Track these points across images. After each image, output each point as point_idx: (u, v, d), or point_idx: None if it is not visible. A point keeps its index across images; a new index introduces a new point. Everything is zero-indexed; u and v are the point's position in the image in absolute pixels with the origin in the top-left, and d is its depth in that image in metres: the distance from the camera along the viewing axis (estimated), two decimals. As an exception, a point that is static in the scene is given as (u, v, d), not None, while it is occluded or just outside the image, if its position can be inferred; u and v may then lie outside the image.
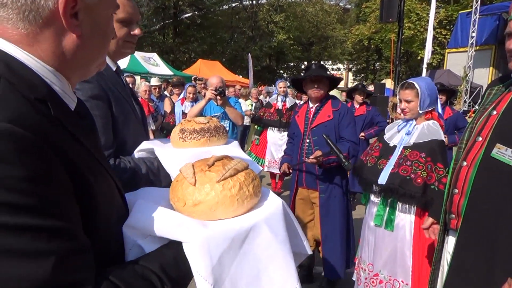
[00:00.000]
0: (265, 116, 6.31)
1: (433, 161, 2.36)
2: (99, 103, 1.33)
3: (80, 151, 0.70)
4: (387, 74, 24.74)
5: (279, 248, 0.84)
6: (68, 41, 0.70)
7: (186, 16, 29.23)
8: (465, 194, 1.72)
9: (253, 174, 0.93)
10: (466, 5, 20.24)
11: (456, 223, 1.79)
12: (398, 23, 13.29)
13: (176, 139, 1.34)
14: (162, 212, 0.84)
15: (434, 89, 2.53)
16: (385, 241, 2.53)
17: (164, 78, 13.30)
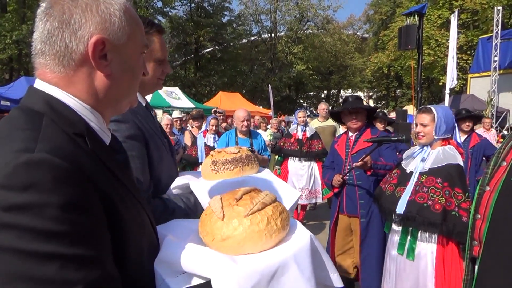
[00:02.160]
0: (285, 146, 6.28)
1: (451, 186, 2.30)
2: (136, 144, 1.31)
3: (114, 183, 0.73)
4: (409, 101, 24.51)
5: (304, 285, 0.83)
6: (99, 81, 0.75)
7: (207, 51, 30.15)
8: (486, 220, 1.66)
9: (281, 208, 0.93)
10: (486, 30, 20.11)
11: (478, 250, 1.71)
12: (417, 50, 13.26)
13: (209, 172, 1.34)
14: (191, 248, 0.84)
15: (452, 118, 2.51)
16: (407, 271, 2.45)
17: (186, 110, 13.57)
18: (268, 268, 0.79)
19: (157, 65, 1.42)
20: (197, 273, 0.79)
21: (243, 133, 4.42)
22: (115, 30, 0.75)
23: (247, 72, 33.04)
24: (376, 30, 32.68)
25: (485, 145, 4.95)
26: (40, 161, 0.58)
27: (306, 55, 31.55)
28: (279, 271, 0.80)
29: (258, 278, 0.76)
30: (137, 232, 0.76)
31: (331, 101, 37.99)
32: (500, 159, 1.71)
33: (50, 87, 0.73)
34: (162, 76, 1.48)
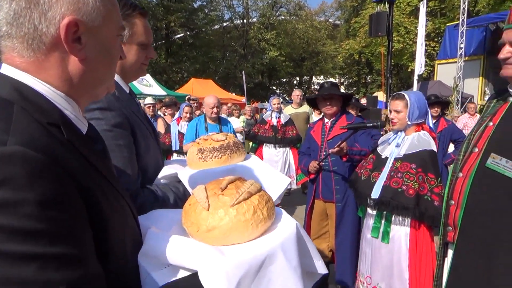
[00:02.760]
0: (260, 132, 6.29)
1: (424, 171, 2.36)
2: (123, 132, 1.26)
3: (94, 175, 0.69)
4: (379, 87, 25.02)
5: (291, 275, 0.83)
6: (73, 66, 0.70)
7: (178, 37, 29.52)
8: (461, 206, 1.70)
9: (266, 196, 0.92)
10: (453, 17, 20.68)
11: (453, 236, 1.76)
12: (387, 37, 13.51)
13: (196, 160, 1.30)
14: (176, 240, 0.82)
15: (425, 104, 2.56)
16: (382, 253, 2.52)
17: (158, 98, 13.29)
18: (256, 258, 0.79)
19: (140, 50, 1.36)
20: (183, 266, 0.78)
21: (213, 119, 4.43)
22: (89, 10, 0.69)
23: (219, 59, 32.65)
24: (347, 17, 32.95)
25: (452, 130, 5.14)
26: (13, 155, 0.54)
27: (279, 42, 31.50)
28: (267, 261, 0.80)
29: (247, 269, 0.76)
30: (120, 226, 0.73)
31: (303, 87, 38.23)
32: (472, 145, 1.74)
33: (19, 73, 0.67)
34: (146, 62, 1.42)
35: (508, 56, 1.59)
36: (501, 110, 1.68)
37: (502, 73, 1.63)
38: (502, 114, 1.66)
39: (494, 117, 1.69)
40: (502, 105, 1.71)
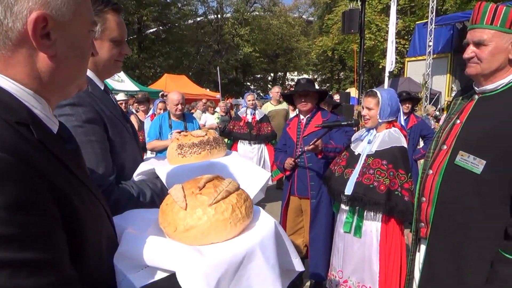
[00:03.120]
0: (235, 129, 6.28)
1: (395, 167, 2.43)
2: (95, 128, 1.23)
3: (67, 176, 0.67)
4: (352, 83, 25.43)
5: (269, 273, 0.84)
6: (42, 63, 0.67)
7: (151, 31, 28.95)
8: (432, 202, 1.76)
9: (244, 195, 0.92)
10: (422, 16, 21.22)
11: (425, 232, 1.82)
12: (360, 34, 13.70)
13: (175, 156, 1.28)
14: (152, 240, 0.81)
15: (396, 101, 2.61)
16: (354, 247, 2.58)
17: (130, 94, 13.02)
18: (235, 257, 0.79)
19: (113, 46, 1.34)
20: (161, 267, 0.76)
21: (177, 116, 4.36)
22: (59, 5, 0.66)
23: (193, 54, 32.25)
24: (320, 13, 33.23)
25: (422, 126, 5.30)
26: None
27: (253, 38, 31.44)
28: (246, 259, 0.80)
29: (226, 268, 0.75)
30: (95, 227, 0.71)
31: (277, 83, 38.37)
32: (440, 143, 1.80)
33: None
34: (120, 58, 1.40)
35: (472, 56, 1.66)
36: (467, 108, 1.74)
37: (467, 71, 1.70)
38: (469, 112, 1.72)
39: (461, 115, 1.75)
40: (468, 102, 1.77)
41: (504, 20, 1.57)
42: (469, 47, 1.67)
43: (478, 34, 1.63)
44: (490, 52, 1.61)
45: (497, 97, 1.66)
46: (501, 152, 1.55)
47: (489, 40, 1.60)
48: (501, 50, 1.59)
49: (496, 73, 1.65)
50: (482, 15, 1.62)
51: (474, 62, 1.67)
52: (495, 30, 1.59)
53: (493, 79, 1.67)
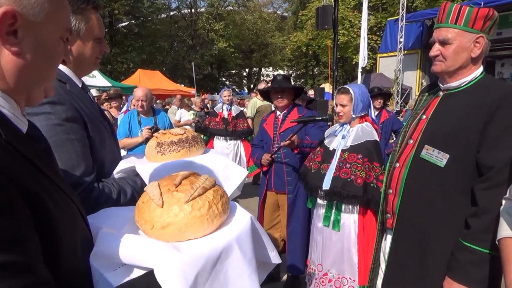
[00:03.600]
0: (210, 125, 6.26)
1: (370, 160, 2.51)
2: (75, 126, 1.22)
3: (38, 177, 0.65)
4: (326, 79, 25.76)
5: (246, 267, 0.85)
6: (6, 60, 0.64)
7: (123, 25, 28.30)
8: (398, 194, 1.83)
9: (221, 191, 0.93)
10: (393, 12, 21.71)
11: (391, 222, 1.90)
12: (333, 30, 13.87)
13: (154, 154, 1.29)
14: (129, 238, 0.80)
15: (368, 97, 2.69)
16: (333, 240, 2.63)
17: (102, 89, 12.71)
18: (213, 252, 0.79)
19: (95, 44, 1.34)
20: (138, 264, 0.76)
21: (143, 112, 4.30)
22: (32, 4, 0.64)
23: (167, 49, 31.79)
24: (295, 9, 33.41)
25: (393, 121, 5.45)
26: None
27: (228, 33, 31.25)
28: (223, 255, 0.81)
29: (203, 263, 0.76)
30: (70, 227, 0.70)
31: (252, 79, 38.39)
32: (407, 137, 1.88)
33: None
34: (99, 56, 1.41)
35: (437, 54, 1.73)
36: (433, 104, 1.83)
37: (432, 69, 1.78)
38: (434, 108, 1.80)
39: (427, 111, 1.83)
40: (433, 99, 1.85)
41: (467, 19, 1.64)
42: (435, 46, 1.75)
43: (443, 33, 1.70)
44: (454, 51, 1.68)
45: (460, 94, 1.74)
46: (463, 147, 1.63)
47: (453, 39, 1.67)
48: (464, 48, 1.67)
49: (459, 71, 1.72)
50: (447, 14, 1.69)
51: (439, 60, 1.74)
52: (459, 29, 1.66)
53: (457, 77, 1.74)
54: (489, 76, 1.79)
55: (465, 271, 1.58)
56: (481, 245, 1.55)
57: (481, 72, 1.74)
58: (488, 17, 1.64)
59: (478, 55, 1.69)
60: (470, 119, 1.63)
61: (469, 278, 1.57)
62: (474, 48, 1.67)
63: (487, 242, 1.54)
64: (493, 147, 1.57)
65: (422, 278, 1.75)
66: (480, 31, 1.66)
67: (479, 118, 1.60)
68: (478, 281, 1.56)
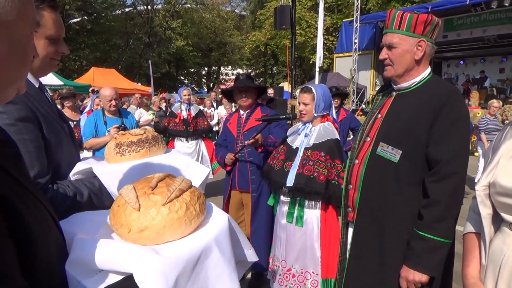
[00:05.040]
0: (170, 126, 6.14)
1: (332, 158, 2.59)
2: (29, 126, 1.18)
3: (8, 182, 0.63)
4: (284, 78, 26.10)
5: (225, 266, 0.86)
6: None
7: (75, 22, 27.08)
8: (358, 189, 1.94)
9: (197, 192, 0.93)
10: (348, 14, 22.41)
11: (352, 216, 2.01)
12: (291, 30, 14.11)
13: (113, 155, 1.25)
14: (106, 244, 0.79)
15: (329, 96, 2.78)
16: (296, 236, 2.69)
17: (53, 88, 12.13)
18: (192, 254, 0.80)
19: (49, 44, 1.30)
20: (117, 269, 0.75)
21: (112, 112, 4.19)
22: (3, 3, 0.62)
23: (122, 47, 30.83)
24: (253, 8, 33.53)
25: (350, 119, 5.65)
26: None
27: (186, 31, 30.82)
28: (202, 256, 0.82)
29: (184, 265, 0.77)
30: (43, 234, 0.68)
31: (211, 78, 38.16)
32: (365, 135, 2.00)
33: None
34: (56, 56, 1.36)
35: (385, 57, 1.88)
36: (387, 104, 1.96)
37: (384, 74, 1.94)
38: (388, 107, 1.94)
39: (382, 110, 1.96)
40: (388, 99, 1.99)
41: (409, 25, 1.79)
42: (383, 50, 1.90)
43: (389, 38, 1.85)
44: (399, 54, 1.83)
45: (410, 94, 1.88)
46: (413, 143, 1.77)
47: (398, 43, 1.82)
48: (408, 51, 1.82)
49: (407, 72, 1.87)
50: (391, 21, 1.85)
51: (388, 64, 1.89)
52: (402, 34, 1.81)
53: (406, 78, 1.89)
54: (436, 76, 1.95)
55: (419, 258, 1.71)
56: (433, 233, 1.68)
57: (429, 73, 1.89)
58: (428, 22, 1.79)
59: (421, 57, 1.83)
60: (419, 117, 1.77)
61: (423, 265, 1.70)
62: (417, 51, 1.82)
63: (438, 230, 1.69)
64: (439, 142, 1.71)
65: (381, 268, 1.86)
66: (422, 35, 1.81)
67: (427, 116, 1.75)
68: (431, 267, 1.70)
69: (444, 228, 1.68)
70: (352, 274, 1.99)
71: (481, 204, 1.31)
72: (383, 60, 1.90)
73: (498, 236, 1.31)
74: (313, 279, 2.65)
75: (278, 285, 2.81)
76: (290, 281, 2.73)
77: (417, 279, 1.71)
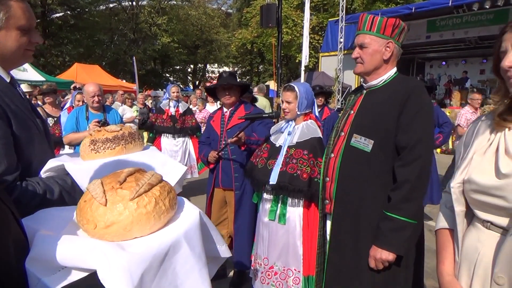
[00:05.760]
0: (157, 122, 6.10)
1: (315, 156, 2.62)
2: None
3: None
4: (270, 76, 26.13)
5: (195, 262, 0.84)
6: None
7: (57, 16, 26.52)
8: (334, 181, 2.05)
9: (168, 187, 0.90)
10: (334, 13, 22.53)
11: (330, 207, 2.11)
12: (277, 28, 14.13)
13: (88, 152, 1.22)
14: (68, 240, 0.76)
15: (311, 94, 2.82)
16: (278, 234, 2.71)
17: (35, 84, 11.89)
18: (160, 249, 0.78)
19: (21, 34, 1.26)
20: (80, 266, 0.73)
21: (96, 108, 4.16)
22: None
23: (106, 43, 30.31)
24: (239, 6, 33.42)
25: (334, 118, 5.70)
26: None
27: (171, 27, 30.51)
28: (171, 251, 0.80)
29: (150, 261, 0.75)
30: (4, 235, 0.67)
31: (197, 75, 37.90)
32: (339, 131, 2.13)
33: None
34: (30, 47, 1.33)
35: (357, 56, 2.06)
36: (358, 101, 2.12)
37: (354, 70, 2.11)
38: (359, 104, 2.09)
39: (354, 107, 2.11)
40: (359, 96, 2.15)
41: (379, 27, 1.98)
42: (356, 49, 2.06)
43: (361, 39, 2.02)
44: (370, 53, 2.00)
45: (379, 91, 2.05)
46: (384, 133, 1.91)
47: (369, 43, 2.00)
48: (377, 51, 2.00)
49: (376, 71, 2.04)
50: (363, 23, 2.02)
51: (359, 62, 2.06)
52: (373, 35, 1.99)
53: (374, 76, 2.06)
54: (401, 75, 2.11)
55: (386, 237, 1.82)
56: (399, 213, 1.79)
57: (395, 72, 2.07)
58: (396, 26, 1.97)
59: (388, 57, 2.01)
60: (388, 109, 1.92)
61: (389, 243, 1.81)
62: (386, 52, 2.00)
63: (404, 211, 1.79)
64: (405, 131, 1.85)
65: (357, 253, 1.95)
66: (390, 37, 1.99)
67: (394, 108, 1.90)
68: (397, 245, 1.80)
69: (410, 208, 1.79)
70: (332, 263, 2.05)
71: (456, 201, 1.32)
72: (355, 58, 2.06)
73: (471, 232, 1.31)
74: (295, 276, 2.66)
75: (260, 283, 2.81)
76: (272, 279, 2.74)
77: (384, 257, 1.81)
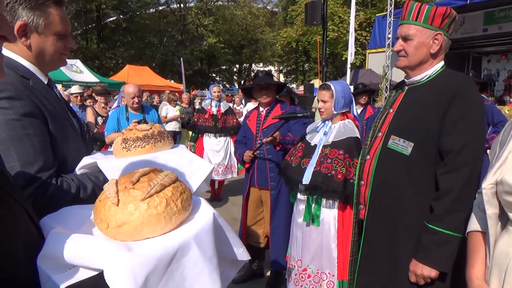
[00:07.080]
0: (199, 122, 6.22)
1: (351, 157, 2.52)
2: (33, 121, 1.22)
3: None
4: (316, 75, 25.78)
5: (205, 265, 0.83)
6: None
7: (111, 20, 27.94)
8: (369, 185, 1.91)
9: (182, 187, 0.90)
10: (382, 8, 21.79)
11: (364, 213, 1.97)
12: (322, 25, 13.91)
13: (119, 150, 1.27)
14: (80, 239, 0.77)
15: (349, 93, 2.72)
16: (312, 236, 2.64)
17: (89, 85, 12.59)
18: (166, 251, 0.77)
19: (57, 40, 1.34)
20: (88, 265, 0.74)
21: (135, 109, 4.34)
22: None
23: (156, 45, 31.47)
24: (285, 4, 33.27)
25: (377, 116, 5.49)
26: None
27: (217, 28, 31.07)
28: (178, 253, 0.79)
29: (155, 263, 0.74)
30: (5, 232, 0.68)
31: (243, 75, 38.27)
32: (376, 131, 1.97)
33: None
34: (65, 52, 1.41)
35: (400, 49, 1.85)
36: (398, 98, 1.94)
37: (396, 64, 1.91)
38: (400, 101, 1.91)
39: (393, 105, 1.94)
40: (400, 94, 1.96)
41: (427, 16, 1.76)
42: (398, 41, 1.86)
43: (405, 29, 1.81)
44: (415, 46, 1.79)
45: (422, 87, 1.85)
46: (425, 135, 1.73)
47: (414, 35, 1.79)
48: (424, 44, 1.79)
49: (420, 65, 1.84)
50: (409, 12, 1.81)
51: (402, 55, 1.86)
52: (419, 26, 1.77)
53: (418, 71, 1.86)
54: (449, 69, 1.89)
55: (428, 252, 1.66)
56: (443, 226, 1.63)
57: (442, 66, 1.85)
58: (446, 15, 1.75)
59: (436, 51, 1.80)
60: (431, 109, 1.74)
61: (431, 258, 1.65)
62: (433, 45, 1.79)
63: (448, 223, 1.62)
64: (451, 133, 1.67)
65: (393, 263, 1.81)
66: (439, 28, 1.77)
67: (438, 107, 1.71)
68: (440, 261, 1.64)
69: (454, 220, 1.62)
70: (364, 272, 1.95)
71: (488, 203, 1.25)
72: (398, 51, 1.87)
73: (504, 237, 1.24)
74: (329, 280, 2.59)
75: (294, 285, 2.76)
76: (305, 281, 2.68)
77: (426, 273, 1.66)
